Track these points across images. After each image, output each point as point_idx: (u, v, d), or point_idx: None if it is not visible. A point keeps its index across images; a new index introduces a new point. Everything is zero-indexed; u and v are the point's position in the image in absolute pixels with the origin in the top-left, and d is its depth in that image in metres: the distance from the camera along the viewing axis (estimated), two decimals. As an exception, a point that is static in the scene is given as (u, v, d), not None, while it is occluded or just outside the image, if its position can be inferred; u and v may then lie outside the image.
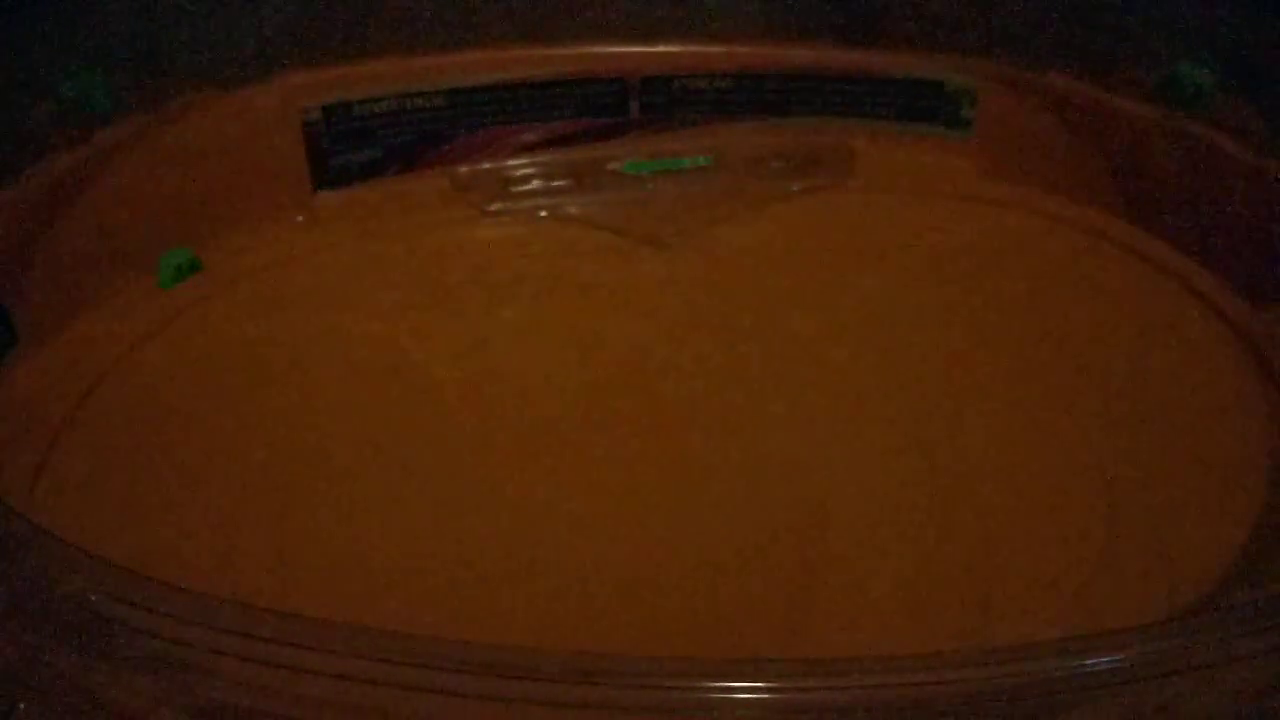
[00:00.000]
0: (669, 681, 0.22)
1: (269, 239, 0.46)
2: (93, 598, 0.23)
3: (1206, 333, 0.42)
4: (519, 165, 0.50)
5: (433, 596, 0.32)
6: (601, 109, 0.50)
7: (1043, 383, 0.40)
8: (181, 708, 0.23)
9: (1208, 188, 0.45)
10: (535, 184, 0.50)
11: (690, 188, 0.50)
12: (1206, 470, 0.36)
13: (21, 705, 0.23)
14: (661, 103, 0.50)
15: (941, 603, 0.32)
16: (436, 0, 0.49)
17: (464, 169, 0.49)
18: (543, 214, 0.49)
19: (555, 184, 0.50)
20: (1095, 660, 0.22)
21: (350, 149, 0.48)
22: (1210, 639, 0.23)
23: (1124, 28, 0.49)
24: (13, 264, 0.39)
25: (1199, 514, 0.35)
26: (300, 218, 0.47)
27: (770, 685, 0.22)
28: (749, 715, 0.21)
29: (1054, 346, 0.42)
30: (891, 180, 0.50)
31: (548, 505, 0.35)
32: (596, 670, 0.22)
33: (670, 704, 0.22)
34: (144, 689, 0.23)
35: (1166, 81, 0.46)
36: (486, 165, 0.50)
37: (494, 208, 0.49)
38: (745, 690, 0.22)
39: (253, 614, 0.23)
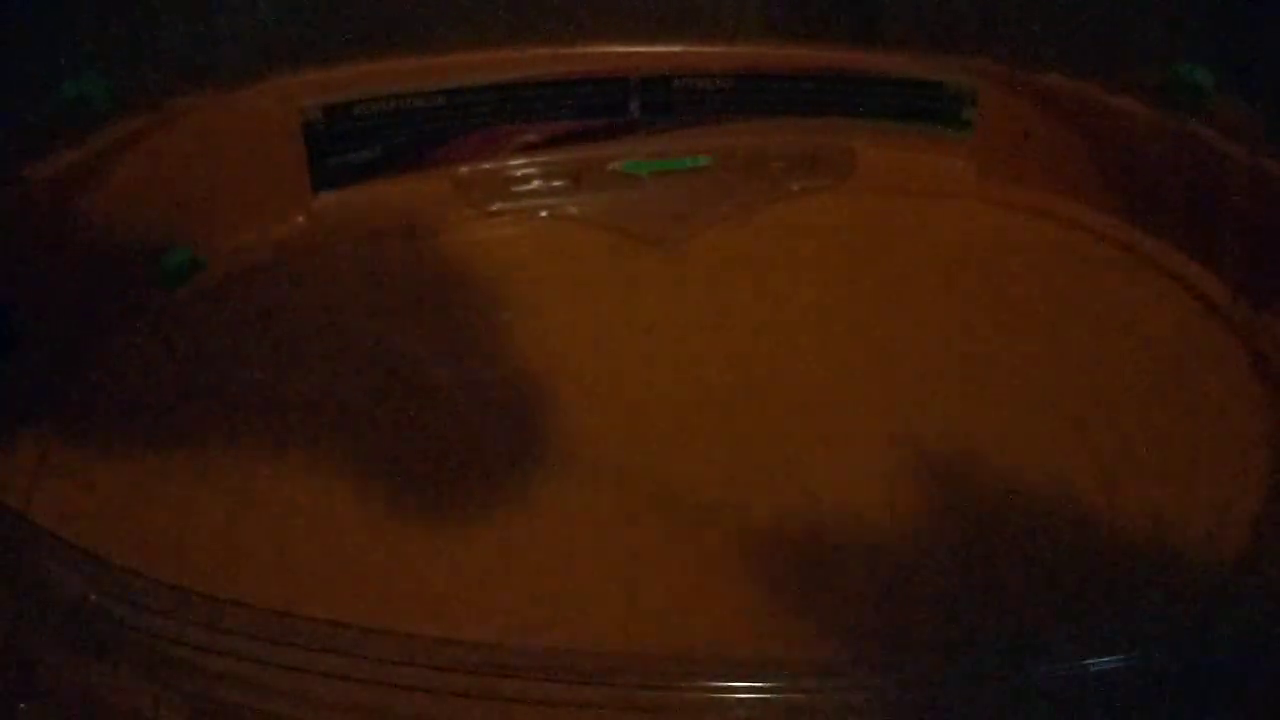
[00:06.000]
0: (669, 681, 0.22)
1: (269, 239, 0.46)
2: (93, 598, 0.23)
3: (1206, 333, 0.42)
4: (519, 165, 0.50)
5: (431, 596, 0.32)
6: (601, 109, 0.50)
7: (1042, 382, 0.40)
8: (182, 708, 0.23)
9: (1207, 188, 0.45)
10: (535, 184, 0.50)
11: (690, 188, 0.50)
12: (1206, 470, 0.36)
13: (22, 705, 0.23)
14: (661, 103, 0.50)
15: (941, 603, 0.32)
16: (436, 0, 0.49)
17: (464, 169, 0.49)
18: (543, 214, 0.49)
19: (555, 184, 0.50)
20: (1095, 660, 0.22)
21: (350, 149, 0.48)
22: (1209, 639, 0.23)
23: (1124, 28, 0.49)
24: (13, 264, 0.39)
25: (1199, 514, 0.35)
26: (300, 218, 0.47)
27: (770, 685, 0.22)
28: (749, 715, 0.22)
29: (1053, 346, 0.42)
30: (891, 180, 0.50)
31: (546, 503, 0.35)
32: (597, 670, 0.22)
33: (670, 704, 0.22)
34: (144, 689, 0.23)
35: (1166, 81, 0.46)
36: (486, 165, 0.50)
37: (494, 208, 0.49)
38: (745, 690, 0.22)
39: (253, 614, 0.23)
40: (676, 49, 0.50)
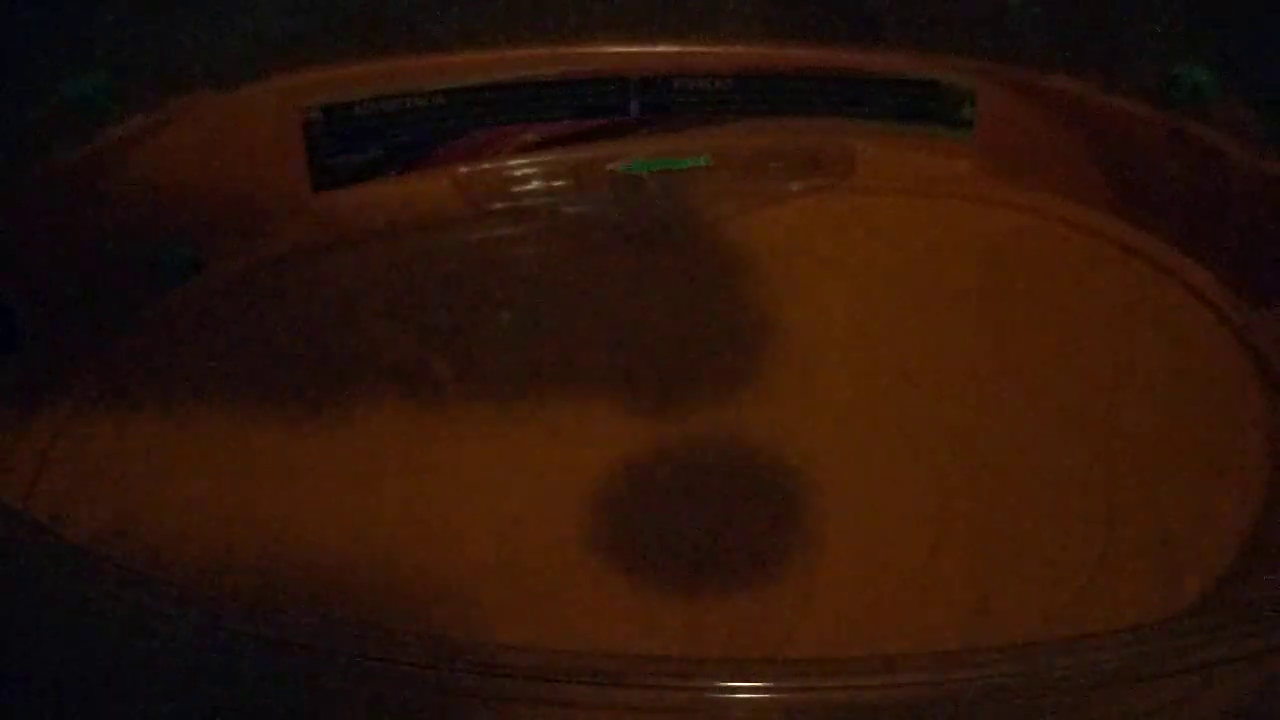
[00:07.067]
0: (669, 681, 0.22)
1: (269, 239, 0.46)
2: (93, 597, 0.23)
3: (1206, 333, 0.42)
4: (519, 165, 0.50)
5: (431, 595, 0.32)
6: (601, 109, 0.50)
7: (1042, 382, 0.40)
8: (182, 707, 0.23)
9: (1207, 188, 0.45)
10: (535, 184, 0.50)
11: (690, 188, 0.50)
12: (1206, 470, 0.36)
13: (22, 706, 0.23)
14: (661, 103, 0.50)
15: (941, 603, 0.32)
16: (436, 0, 0.49)
17: (464, 169, 0.49)
18: (543, 214, 0.49)
19: (555, 184, 0.50)
20: (1095, 660, 0.22)
21: (350, 149, 0.48)
22: (1210, 639, 0.23)
23: (1124, 28, 0.49)
24: (14, 264, 0.39)
25: (1199, 514, 0.35)
26: (300, 218, 0.47)
27: (770, 685, 0.22)
28: (749, 715, 0.22)
29: (1053, 346, 0.42)
30: (891, 180, 0.50)
31: (548, 504, 0.35)
32: (597, 670, 0.22)
33: (670, 704, 0.22)
34: (144, 689, 0.23)
35: (1166, 81, 0.46)
36: (486, 165, 0.50)
37: (494, 208, 0.49)
38: (745, 690, 0.22)
39: (254, 614, 0.23)
40: (676, 49, 0.50)
